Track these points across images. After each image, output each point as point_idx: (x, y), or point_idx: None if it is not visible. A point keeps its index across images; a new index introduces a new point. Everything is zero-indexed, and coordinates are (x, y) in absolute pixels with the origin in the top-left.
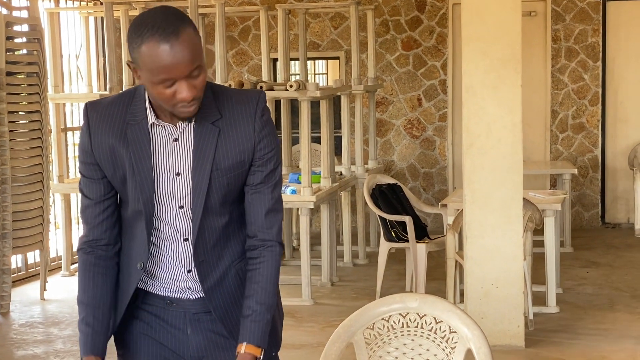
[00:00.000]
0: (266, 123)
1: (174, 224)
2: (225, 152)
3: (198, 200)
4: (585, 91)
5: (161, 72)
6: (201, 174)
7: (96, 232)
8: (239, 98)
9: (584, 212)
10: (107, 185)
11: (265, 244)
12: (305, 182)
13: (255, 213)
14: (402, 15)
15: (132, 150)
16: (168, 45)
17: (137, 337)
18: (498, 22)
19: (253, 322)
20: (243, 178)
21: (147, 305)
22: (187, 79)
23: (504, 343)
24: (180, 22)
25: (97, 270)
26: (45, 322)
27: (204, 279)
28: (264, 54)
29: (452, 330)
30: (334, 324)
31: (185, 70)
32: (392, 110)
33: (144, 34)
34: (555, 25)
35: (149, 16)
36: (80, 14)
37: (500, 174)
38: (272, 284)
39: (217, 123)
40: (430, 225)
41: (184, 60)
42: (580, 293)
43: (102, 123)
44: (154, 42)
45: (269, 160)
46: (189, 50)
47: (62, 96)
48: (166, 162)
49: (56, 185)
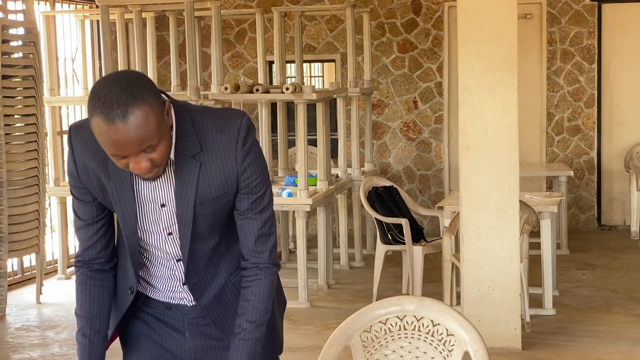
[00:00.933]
0: (249, 151)
1: (163, 248)
2: (208, 185)
3: (184, 230)
4: (581, 93)
5: (108, 148)
6: (185, 208)
7: (91, 252)
8: (219, 126)
9: (580, 215)
10: (99, 206)
11: (258, 266)
12: (301, 185)
13: (245, 239)
14: (397, 17)
15: (114, 183)
16: (114, 127)
17: (138, 337)
18: (494, 25)
19: (242, 340)
20: (230, 205)
21: (147, 307)
22: (138, 155)
23: (500, 345)
24: (132, 100)
25: (93, 283)
26: (42, 325)
27: (199, 297)
28: (259, 57)
29: (449, 332)
30: (330, 326)
31: (134, 150)
32: (388, 113)
33: (95, 108)
34: (550, 28)
35: (104, 87)
36: (76, 17)
37: (496, 176)
38: (264, 302)
39: (198, 157)
40: (427, 227)
41: (130, 142)
42: (577, 295)
43: (85, 150)
44: (100, 122)
45: (254, 187)
46: (137, 132)
47: (58, 99)
48: (150, 194)
49: (52, 188)
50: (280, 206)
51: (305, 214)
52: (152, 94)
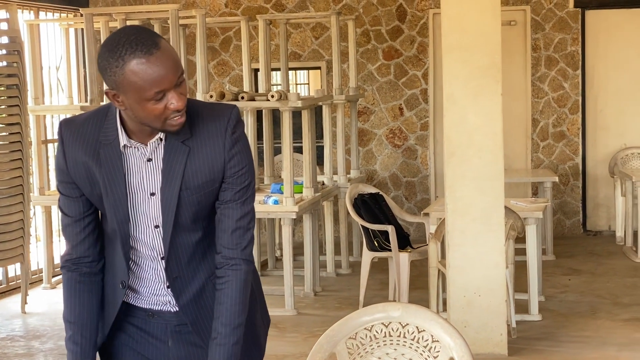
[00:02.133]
0: (237, 140)
1: (150, 243)
2: (195, 171)
3: (168, 218)
4: (565, 99)
5: (153, 86)
6: (170, 193)
7: (79, 250)
8: (210, 114)
9: (565, 220)
10: (86, 202)
11: (229, 262)
12: (287, 192)
13: (221, 230)
14: (383, 25)
15: (105, 171)
16: (154, 57)
17: (119, 348)
18: (478, 31)
19: (218, 345)
20: (214, 195)
21: (129, 317)
22: (175, 88)
23: (487, 351)
24: (152, 34)
25: (82, 288)
26: (27, 335)
27: (179, 294)
28: (245, 65)
29: (434, 339)
30: (317, 334)
31: (174, 78)
32: (374, 120)
33: (124, 54)
34: (535, 34)
35: (120, 38)
36: (60, 26)
37: (481, 183)
38: (238, 304)
39: (187, 142)
40: (413, 234)
41: (172, 69)
42: (563, 301)
43: (76, 142)
44: (138, 59)
45: (239, 177)
46: (172, 58)
47: (43, 108)
48: (140, 182)
49: (37, 197)
50: (266, 214)
51: (291, 221)
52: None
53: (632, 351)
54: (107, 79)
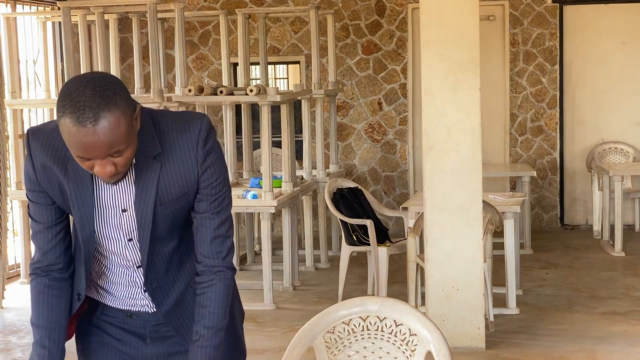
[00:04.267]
0: (209, 152)
1: (123, 254)
2: (168, 185)
3: (144, 233)
4: (543, 94)
5: (74, 150)
6: (144, 210)
7: (49, 257)
8: (180, 127)
9: (543, 214)
10: (58, 209)
11: (212, 269)
12: (266, 187)
13: (200, 240)
14: (362, 19)
15: (73, 186)
16: (84, 130)
17: (97, 346)
18: (456, 26)
19: (200, 347)
20: (189, 206)
21: (107, 316)
22: (104, 159)
23: (464, 345)
24: (105, 105)
25: (51, 292)
26: (4, 330)
27: (160, 303)
28: (224, 59)
29: (412, 332)
30: (296, 328)
31: (100, 154)
32: (353, 114)
33: (66, 108)
34: (513, 29)
35: (77, 88)
36: (38, 19)
37: (459, 177)
38: (221, 307)
39: (159, 157)
40: (392, 228)
41: (98, 146)
42: (540, 294)
43: (45, 153)
44: (70, 123)
45: (214, 188)
46: (106, 137)
47: (20, 102)
48: (111, 198)
49: (14, 191)
50: (245, 208)
51: (270, 215)
52: (125, 99)
53: (608, 344)
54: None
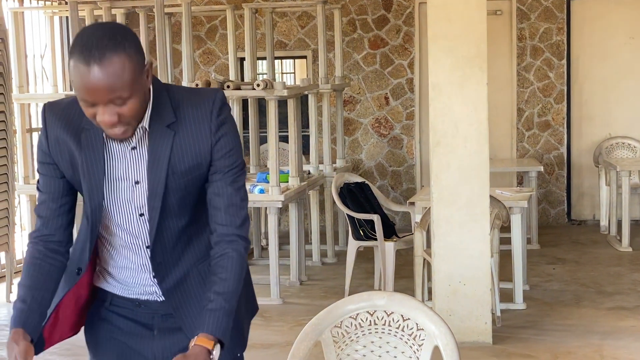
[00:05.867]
0: (223, 122)
1: (133, 232)
2: (181, 155)
3: (154, 204)
4: (550, 89)
5: (79, 91)
6: (157, 179)
7: (50, 227)
8: (195, 99)
9: (550, 209)
10: (66, 184)
11: (225, 238)
12: (273, 182)
13: (214, 208)
14: (369, 14)
15: (85, 155)
16: (87, 69)
17: (105, 340)
18: (464, 21)
19: (210, 311)
20: (202, 179)
21: (116, 307)
22: (106, 105)
23: (471, 340)
24: (112, 47)
25: (45, 260)
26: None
27: (162, 279)
28: (231, 54)
29: (419, 327)
30: (302, 323)
31: (103, 97)
32: (360, 109)
33: (75, 47)
34: (520, 24)
35: (87, 33)
36: (45, 14)
37: (466, 172)
38: (233, 273)
39: (172, 126)
40: (399, 223)
41: (100, 87)
42: (547, 289)
43: (59, 125)
44: (76, 61)
45: (227, 159)
46: (109, 78)
47: (27, 96)
48: (124, 170)
49: (21, 186)
50: (252, 203)
51: (277, 210)
52: (134, 48)
53: (615, 339)
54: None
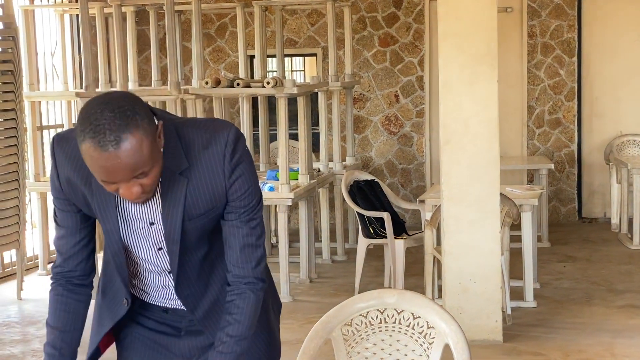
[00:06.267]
0: (237, 164)
1: (154, 262)
2: (196, 200)
3: (172, 247)
4: (561, 86)
5: (97, 174)
6: (172, 224)
7: (71, 263)
8: (207, 140)
9: (560, 207)
10: (83, 216)
11: (241, 280)
12: (283, 179)
13: (230, 249)
14: (378, 11)
15: (97, 201)
16: (106, 154)
17: (133, 339)
18: (474, 18)
19: (220, 353)
20: (218, 217)
21: (145, 311)
22: (129, 182)
23: (482, 338)
24: (126, 126)
25: (70, 296)
26: (22, 321)
27: (194, 309)
28: (240, 51)
29: (429, 325)
30: (312, 320)
31: (126, 177)
32: (370, 107)
33: (86, 132)
34: (531, 21)
35: (96, 111)
36: (56, 12)
37: (477, 170)
38: (248, 317)
39: (185, 173)
40: (409, 221)
41: (121, 169)
42: (558, 287)
43: (69, 165)
44: (91, 146)
45: (243, 200)
46: (130, 159)
47: (38, 94)
48: (138, 213)
49: (32, 183)
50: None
51: (287, 208)
52: (146, 118)
53: (626, 338)
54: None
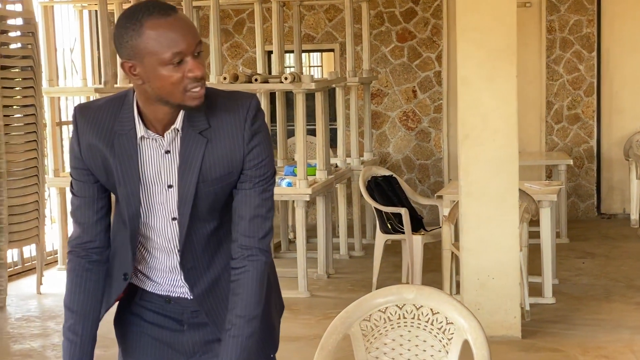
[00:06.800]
0: (256, 132)
1: (166, 235)
2: (213, 163)
3: (184, 209)
4: (580, 82)
5: (171, 46)
6: (187, 185)
7: (90, 233)
8: (229, 105)
9: (579, 203)
10: (101, 187)
11: (245, 252)
12: (300, 175)
13: (239, 217)
14: (396, 7)
15: (119, 162)
16: (172, 19)
17: (135, 334)
18: (493, 13)
19: (232, 337)
20: (232, 186)
21: (145, 302)
22: (193, 56)
23: (500, 334)
24: (168, 3)
25: (89, 277)
26: (42, 316)
27: (193, 284)
28: (258, 47)
29: (448, 321)
30: (330, 316)
31: (192, 43)
32: (387, 102)
33: (142, 17)
34: (550, 16)
35: (137, 6)
36: (75, 8)
37: (495, 165)
38: (254, 294)
39: (205, 133)
40: (426, 217)
41: (190, 33)
42: (576, 284)
43: (91, 129)
44: (156, 19)
45: (259, 169)
46: (190, 24)
47: (57, 90)
48: (157, 174)
49: (51, 179)
50: (279, 196)
51: (304, 203)
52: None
53: None
54: (124, 48)
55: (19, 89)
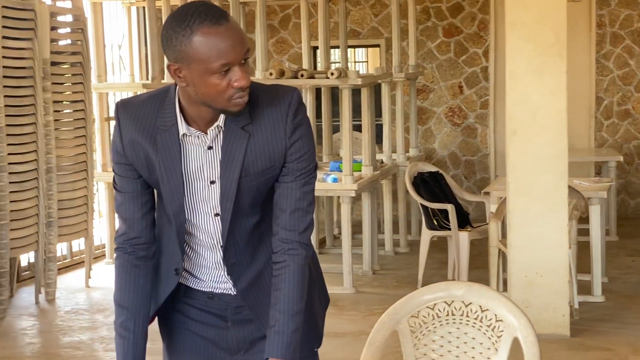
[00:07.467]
0: (298, 125)
1: (209, 231)
2: (255, 157)
3: (227, 205)
4: (631, 77)
5: (220, 57)
6: (229, 180)
7: (136, 229)
8: (270, 99)
9: (629, 200)
10: (144, 182)
11: (285, 246)
12: (346, 171)
13: (280, 210)
14: (443, 2)
15: (162, 158)
16: (223, 28)
17: (179, 331)
18: (542, 7)
19: (276, 333)
20: (274, 180)
21: (189, 299)
22: (240, 65)
23: (549, 332)
24: (220, 9)
25: (138, 273)
26: (90, 309)
27: (237, 280)
28: (304, 42)
29: (498, 318)
30: (375, 312)
31: (241, 52)
32: (433, 98)
33: (192, 24)
34: (600, 11)
35: (188, 9)
36: (123, 4)
37: (544, 162)
38: (296, 289)
39: (247, 128)
40: (472, 213)
41: (239, 43)
42: (626, 282)
43: (133, 126)
44: (207, 27)
45: (300, 162)
46: (240, 33)
47: (105, 86)
48: (200, 170)
49: (100, 174)
50: (325, 192)
51: (350, 199)
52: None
53: None
54: (172, 51)
55: (69, 84)
